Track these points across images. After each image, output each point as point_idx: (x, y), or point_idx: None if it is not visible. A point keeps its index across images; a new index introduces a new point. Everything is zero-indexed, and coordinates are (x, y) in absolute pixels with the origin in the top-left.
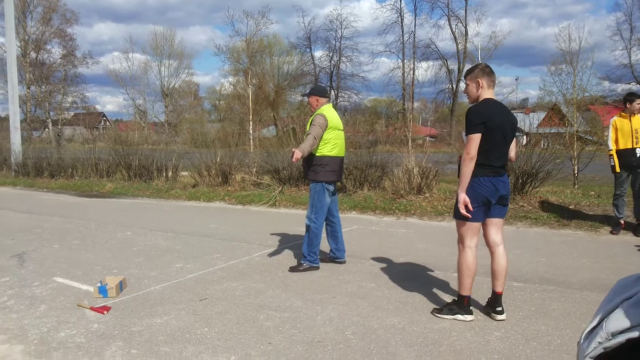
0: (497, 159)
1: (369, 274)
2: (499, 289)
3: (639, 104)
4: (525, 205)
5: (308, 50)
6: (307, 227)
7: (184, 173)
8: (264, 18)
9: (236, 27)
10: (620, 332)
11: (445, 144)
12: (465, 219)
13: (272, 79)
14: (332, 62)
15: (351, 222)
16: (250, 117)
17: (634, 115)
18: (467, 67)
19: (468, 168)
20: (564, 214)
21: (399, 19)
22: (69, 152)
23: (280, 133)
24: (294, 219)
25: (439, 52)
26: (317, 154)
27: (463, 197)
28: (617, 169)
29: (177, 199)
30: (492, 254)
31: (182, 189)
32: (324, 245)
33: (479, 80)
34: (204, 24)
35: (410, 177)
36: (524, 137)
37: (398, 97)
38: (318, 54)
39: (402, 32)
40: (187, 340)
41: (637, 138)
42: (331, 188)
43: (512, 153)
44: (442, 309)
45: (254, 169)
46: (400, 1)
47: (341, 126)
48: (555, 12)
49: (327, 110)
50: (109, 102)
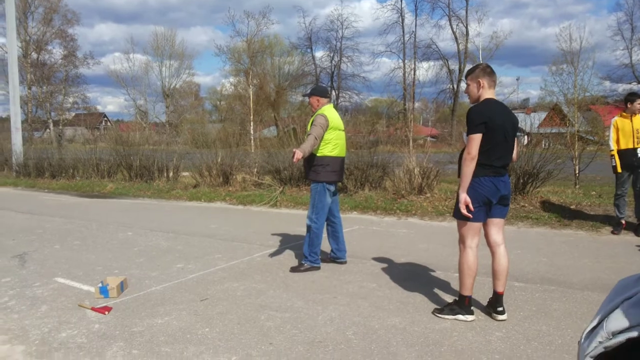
0: (498, 159)
1: (370, 274)
2: (500, 289)
3: (639, 103)
4: (526, 205)
5: (309, 50)
6: (308, 228)
7: (185, 173)
8: (265, 18)
9: (237, 27)
10: (621, 332)
11: (446, 144)
12: (466, 219)
13: (273, 79)
14: (333, 62)
15: (352, 222)
16: (251, 118)
17: (635, 115)
18: (468, 67)
19: (469, 168)
20: (565, 214)
21: (400, 19)
22: (70, 153)
23: (281, 133)
24: (295, 219)
25: (439, 52)
26: (318, 154)
27: (464, 197)
28: (619, 169)
29: (178, 200)
30: (493, 254)
31: (183, 190)
32: (325, 245)
33: (480, 80)
34: (205, 25)
35: (411, 177)
36: (525, 137)
37: (399, 97)
38: (319, 54)
39: (403, 32)
40: (188, 341)
41: (638, 138)
42: (332, 188)
43: (513, 153)
44: (443, 309)
45: (255, 169)
46: (401, 1)
47: (342, 126)
48: (557, 12)
49: (328, 111)
50: (110, 103)
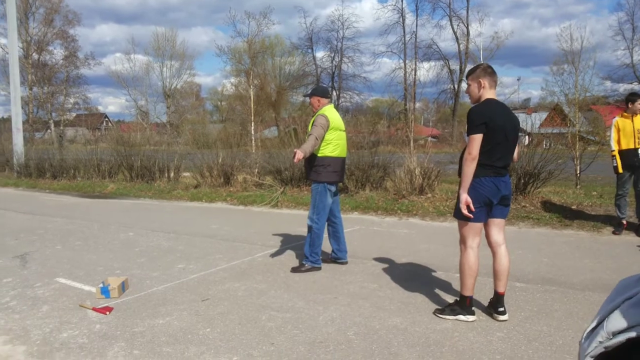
0: (499, 159)
1: (371, 274)
2: (501, 290)
3: None
4: (527, 205)
5: (310, 50)
6: (309, 228)
7: (186, 174)
8: (266, 19)
9: (238, 28)
10: (621, 332)
11: (447, 145)
12: (467, 219)
13: (273, 80)
14: (334, 62)
15: (353, 223)
16: (252, 118)
17: (636, 115)
18: (469, 68)
19: (470, 168)
20: (566, 214)
21: (401, 20)
22: (71, 153)
23: (282, 134)
24: (295, 219)
25: (440, 53)
26: (318, 155)
27: (465, 198)
28: (620, 169)
29: (179, 200)
30: (494, 254)
31: (184, 190)
32: (326, 245)
33: (481, 81)
34: (206, 25)
35: (412, 178)
36: (526, 137)
37: (400, 97)
38: (320, 54)
39: (404, 32)
40: (189, 341)
41: (639, 138)
42: (333, 189)
43: (514, 153)
44: (444, 309)
45: (256, 170)
46: (402, 1)
47: (343, 127)
48: (557, 12)
49: (329, 111)
50: (111, 103)
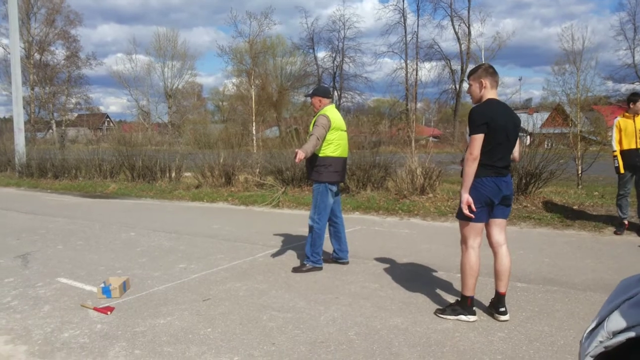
0: (500, 159)
1: (372, 274)
2: (502, 290)
3: None
4: (528, 205)
5: (311, 51)
6: (310, 228)
7: (187, 174)
8: (267, 19)
9: (239, 28)
10: (621, 332)
11: (449, 145)
12: (469, 219)
13: (275, 80)
14: (335, 62)
15: (354, 223)
16: (253, 118)
17: (638, 115)
18: (471, 68)
19: (471, 168)
20: (567, 215)
21: (402, 20)
22: (72, 153)
23: (283, 134)
24: (297, 219)
25: (442, 53)
26: (320, 155)
27: (466, 198)
28: (621, 169)
29: (180, 200)
30: (495, 254)
31: (185, 190)
32: (327, 245)
33: (482, 81)
34: (207, 25)
35: (414, 178)
36: (528, 137)
37: (401, 97)
38: (321, 54)
39: (405, 32)
40: (191, 341)
41: None
42: (334, 189)
43: (515, 153)
44: (445, 309)
45: (257, 170)
46: (403, 1)
47: (344, 127)
48: (559, 12)
49: (330, 111)
50: (113, 103)
